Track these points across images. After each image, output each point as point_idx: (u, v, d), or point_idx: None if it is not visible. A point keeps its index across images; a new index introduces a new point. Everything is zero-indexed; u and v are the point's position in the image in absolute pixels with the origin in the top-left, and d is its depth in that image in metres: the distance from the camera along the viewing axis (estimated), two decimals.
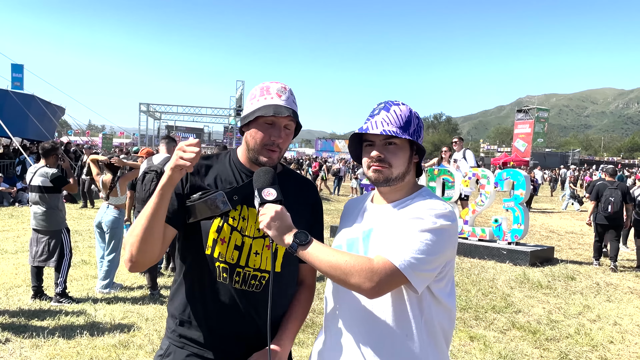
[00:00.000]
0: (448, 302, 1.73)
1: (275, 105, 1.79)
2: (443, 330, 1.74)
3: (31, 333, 4.99)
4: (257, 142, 1.82)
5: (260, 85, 1.88)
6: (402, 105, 1.78)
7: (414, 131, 1.76)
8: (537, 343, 5.36)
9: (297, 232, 1.61)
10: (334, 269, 1.56)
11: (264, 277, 1.85)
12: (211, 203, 1.78)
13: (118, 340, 4.89)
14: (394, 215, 1.75)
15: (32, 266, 6.06)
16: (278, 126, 1.82)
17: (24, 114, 20.07)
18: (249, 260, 1.83)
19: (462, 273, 8.35)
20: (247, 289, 1.83)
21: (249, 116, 1.83)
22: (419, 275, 1.57)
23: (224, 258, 1.82)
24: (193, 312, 1.86)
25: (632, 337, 5.72)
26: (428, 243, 1.58)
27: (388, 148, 1.74)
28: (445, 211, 1.66)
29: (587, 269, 9.26)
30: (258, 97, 1.83)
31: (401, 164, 1.75)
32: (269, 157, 1.83)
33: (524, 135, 66.59)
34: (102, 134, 59.51)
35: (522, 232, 9.61)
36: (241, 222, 1.84)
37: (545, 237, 13.10)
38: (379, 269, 1.54)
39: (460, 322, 5.89)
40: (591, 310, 6.65)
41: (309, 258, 1.59)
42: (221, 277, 1.82)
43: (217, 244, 1.81)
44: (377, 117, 1.75)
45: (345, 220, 1.95)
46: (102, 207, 6.73)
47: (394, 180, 1.75)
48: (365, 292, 1.56)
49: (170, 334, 1.91)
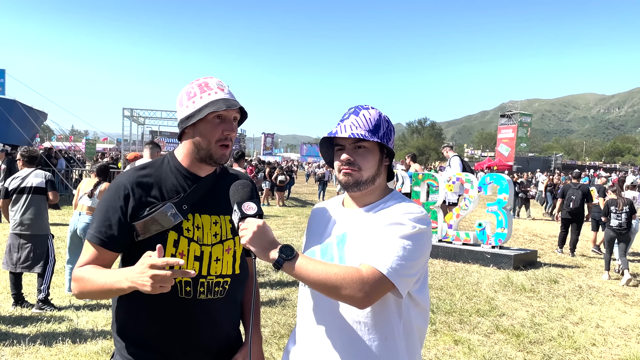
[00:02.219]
0: (422, 301, 1.74)
1: (225, 99, 1.75)
2: (419, 330, 1.76)
3: (12, 341, 4.91)
4: (211, 140, 1.76)
5: (194, 83, 1.81)
6: (372, 109, 1.78)
7: (383, 134, 1.76)
8: (520, 346, 5.40)
9: (282, 246, 1.57)
10: (324, 282, 1.53)
11: (227, 281, 1.82)
12: (161, 217, 1.72)
13: (100, 347, 4.83)
14: (368, 219, 1.74)
15: (10, 273, 5.97)
16: (229, 120, 1.78)
17: (6, 119, 19.83)
18: (210, 269, 1.79)
19: (446, 277, 8.38)
20: (212, 297, 1.79)
21: (195, 115, 1.75)
22: (404, 280, 1.58)
23: None
24: (156, 335, 1.77)
25: (614, 339, 5.78)
26: (410, 248, 1.59)
27: (358, 151, 1.75)
28: (422, 215, 1.68)
29: (570, 272, 9.35)
30: (199, 94, 1.76)
31: (371, 167, 1.75)
32: (223, 153, 1.79)
33: (508, 140, 67.23)
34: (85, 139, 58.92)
35: (506, 236, 9.68)
36: (196, 231, 1.78)
37: (529, 240, 13.21)
38: (368, 278, 1.53)
39: (444, 326, 5.91)
40: (574, 313, 6.72)
41: (296, 273, 1.56)
42: (183, 292, 1.74)
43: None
44: (346, 122, 1.76)
45: (315, 226, 1.92)
46: (75, 215, 6.64)
47: (364, 184, 1.75)
48: (358, 303, 1.56)
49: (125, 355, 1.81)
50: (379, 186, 1.80)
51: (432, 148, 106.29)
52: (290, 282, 7.41)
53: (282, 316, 5.92)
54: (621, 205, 9.03)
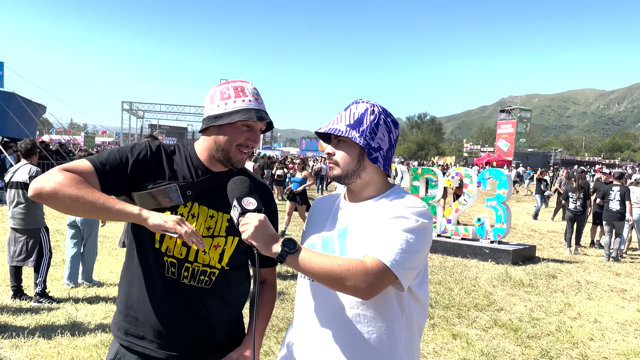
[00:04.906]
0: (422, 296, 1.74)
1: (257, 110, 1.77)
2: (418, 324, 1.77)
3: (11, 333, 4.92)
4: (232, 144, 1.78)
5: (229, 83, 1.82)
6: (362, 104, 1.77)
7: (365, 129, 1.73)
8: (518, 340, 5.41)
9: (284, 240, 1.57)
10: (328, 274, 1.54)
11: (214, 272, 1.83)
12: (163, 194, 1.75)
13: (99, 340, 4.84)
14: (369, 213, 1.74)
15: (10, 266, 5.97)
16: (255, 130, 1.81)
17: (4, 112, 19.78)
18: (198, 256, 1.80)
19: (445, 272, 8.40)
20: (196, 284, 1.81)
21: (224, 117, 1.76)
22: (406, 273, 1.58)
23: (172, 253, 1.79)
24: (139, 307, 1.81)
25: (612, 334, 5.80)
26: (412, 242, 1.59)
27: (339, 145, 1.76)
28: (424, 209, 1.67)
29: (568, 267, 9.36)
30: (233, 97, 1.77)
31: (349, 162, 1.74)
32: (241, 157, 1.81)
33: (507, 135, 67.15)
34: (85, 132, 58.85)
35: (505, 231, 9.69)
36: (190, 219, 1.79)
37: (527, 236, 13.22)
38: (372, 269, 1.54)
39: (442, 320, 5.92)
40: (572, 308, 6.73)
41: (299, 265, 1.56)
42: (169, 272, 1.79)
43: (165, 238, 1.78)
44: (337, 115, 1.77)
45: (316, 219, 1.91)
46: None
47: (345, 178, 1.75)
48: (362, 294, 1.56)
49: (117, 331, 1.86)
50: (372, 180, 1.78)
51: (432, 143, 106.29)
52: (289, 275, 7.42)
53: (280, 310, 5.93)
54: (578, 192, 10.98)
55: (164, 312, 1.79)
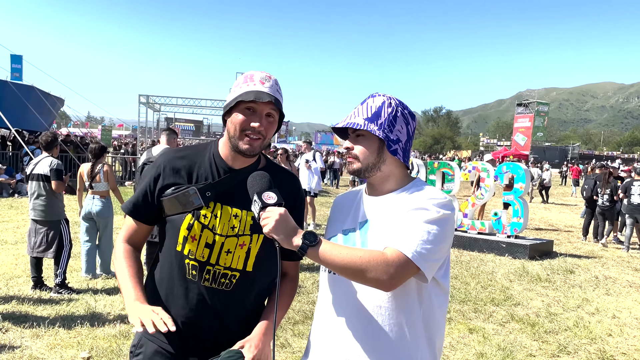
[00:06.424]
0: (446, 286, 1.75)
1: (257, 91, 1.74)
2: (442, 316, 1.76)
3: (31, 323, 5.00)
4: (237, 128, 1.77)
5: (245, 73, 1.83)
6: (378, 97, 1.76)
7: (383, 122, 1.72)
8: (535, 335, 5.38)
9: (305, 232, 1.57)
10: (349, 266, 1.54)
11: (235, 275, 1.82)
12: (183, 198, 1.78)
13: (118, 331, 4.90)
14: (390, 206, 1.73)
15: (31, 257, 6.06)
16: (259, 113, 1.77)
17: (23, 105, 20.02)
18: (220, 259, 1.81)
19: (461, 266, 8.36)
20: (217, 287, 1.82)
21: (230, 103, 1.78)
22: (429, 265, 1.58)
23: (194, 255, 1.80)
24: (162, 306, 1.80)
25: (631, 330, 5.74)
26: (435, 233, 1.59)
27: (357, 139, 1.75)
28: (446, 200, 1.66)
29: (586, 262, 9.28)
30: (241, 84, 1.79)
31: (368, 156, 1.74)
32: (250, 144, 1.77)
33: (524, 129, 66.47)
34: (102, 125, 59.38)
35: (522, 226, 9.63)
36: (213, 219, 1.80)
37: (545, 230, 13.12)
38: (393, 260, 1.53)
39: (459, 315, 5.91)
40: (590, 303, 6.67)
41: (320, 258, 1.56)
42: (190, 274, 1.81)
43: (188, 241, 1.79)
44: (354, 110, 1.76)
45: (338, 213, 1.92)
46: (88, 199, 6.74)
47: (366, 171, 1.75)
48: (383, 286, 1.56)
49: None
50: (392, 174, 1.78)
51: (448, 137, 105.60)
52: (305, 268, 7.44)
53: (296, 302, 5.95)
54: (604, 188, 11.41)
55: (183, 313, 1.82)
